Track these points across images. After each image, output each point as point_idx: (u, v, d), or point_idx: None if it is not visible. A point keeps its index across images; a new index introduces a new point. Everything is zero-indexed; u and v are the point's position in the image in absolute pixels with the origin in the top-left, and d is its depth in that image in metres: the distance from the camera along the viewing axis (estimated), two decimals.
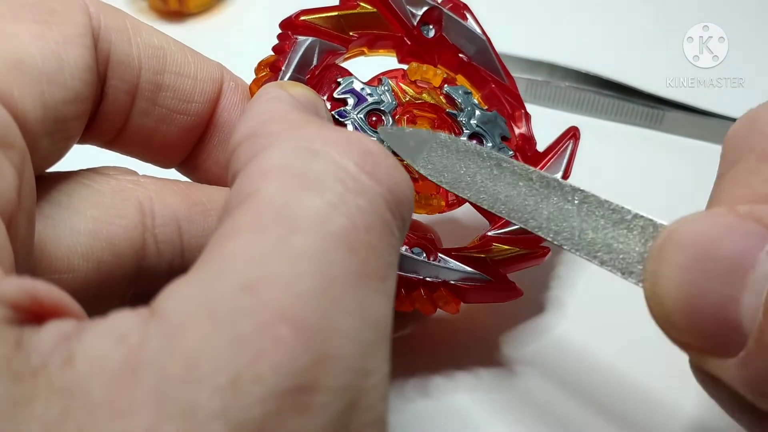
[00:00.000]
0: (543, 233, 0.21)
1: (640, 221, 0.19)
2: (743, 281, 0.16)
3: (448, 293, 0.26)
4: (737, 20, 0.45)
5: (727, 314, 0.16)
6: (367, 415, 0.14)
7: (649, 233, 0.19)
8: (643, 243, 0.19)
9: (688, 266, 0.16)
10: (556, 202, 0.21)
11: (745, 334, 0.16)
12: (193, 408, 0.12)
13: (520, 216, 0.21)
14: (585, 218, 0.20)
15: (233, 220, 0.15)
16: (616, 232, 0.19)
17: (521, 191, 0.21)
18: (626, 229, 0.19)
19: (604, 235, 0.19)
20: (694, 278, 0.16)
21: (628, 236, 0.19)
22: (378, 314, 0.15)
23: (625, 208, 0.19)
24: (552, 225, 0.20)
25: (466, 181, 0.23)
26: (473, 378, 0.28)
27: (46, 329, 0.14)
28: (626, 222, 0.19)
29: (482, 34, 0.29)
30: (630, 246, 0.19)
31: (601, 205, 0.20)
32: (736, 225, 0.16)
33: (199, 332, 0.13)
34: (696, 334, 0.17)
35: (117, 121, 0.23)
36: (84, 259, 0.20)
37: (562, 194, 0.21)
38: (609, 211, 0.20)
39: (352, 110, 0.26)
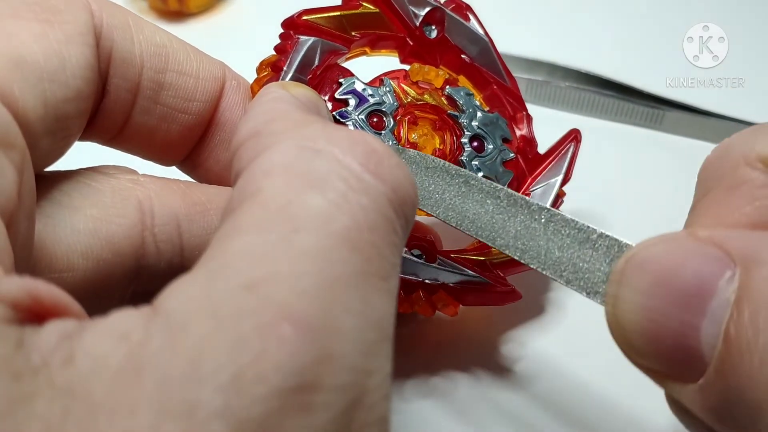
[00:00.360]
0: (510, 252, 0.21)
1: (605, 241, 0.19)
2: (703, 308, 0.16)
3: (447, 296, 0.26)
4: (737, 20, 0.45)
5: (687, 341, 0.16)
6: (369, 414, 0.14)
7: (614, 253, 0.18)
8: (608, 263, 0.18)
9: (647, 291, 0.16)
10: (523, 221, 0.21)
11: (705, 361, 0.16)
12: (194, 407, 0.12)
13: (487, 234, 0.21)
14: (551, 237, 0.20)
15: (236, 218, 0.15)
16: (582, 251, 0.19)
17: (489, 209, 0.21)
18: (591, 248, 0.19)
19: (570, 255, 0.19)
20: (654, 303, 0.16)
21: (594, 256, 0.19)
22: (380, 313, 0.15)
23: (591, 227, 0.19)
24: (519, 243, 0.20)
25: (435, 199, 0.23)
26: (472, 379, 0.28)
27: (46, 328, 0.14)
28: (591, 241, 0.19)
29: (485, 35, 0.29)
30: (595, 266, 0.19)
31: (567, 224, 0.20)
32: (696, 250, 0.16)
33: (201, 331, 0.13)
34: (656, 359, 0.17)
35: (118, 119, 0.23)
36: (84, 257, 0.20)
37: (529, 213, 0.21)
38: (575, 230, 0.19)
39: (354, 111, 0.26)
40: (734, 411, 0.15)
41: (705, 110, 0.39)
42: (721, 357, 0.15)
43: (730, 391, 0.15)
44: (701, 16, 0.42)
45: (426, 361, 0.28)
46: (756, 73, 0.42)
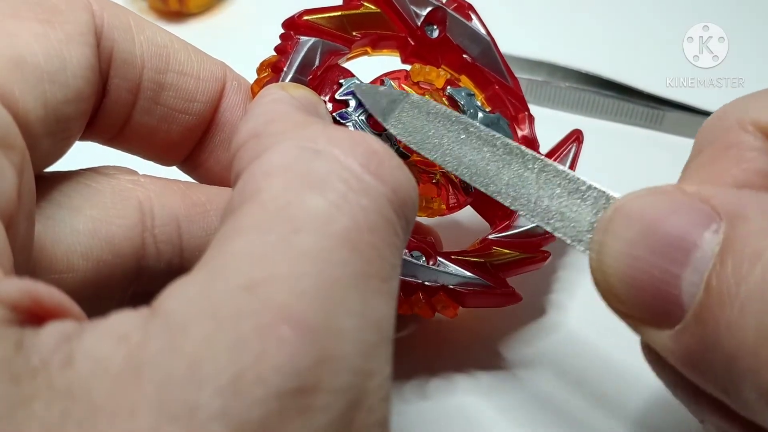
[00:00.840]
0: (501, 198, 0.21)
1: (593, 192, 0.20)
2: (686, 258, 0.16)
3: (446, 298, 0.26)
4: (737, 20, 0.45)
5: (667, 288, 0.16)
6: (370, 416, 0.14)
7: (601, 204, 0.19)
8: (594, 213, 0.19)
9: (632, 240, 0.17)
10: (516, 169, 0.21)
11: (683, 308, 0.16)
12: (194, 409, 0.12)
13: (481, 180, 0.22)
14: (542, 186, 0.21)
15: (236, 219, 0.15)
16: (570, 201, 0.20)
17: (485, 156, 0.22)
18: (580, 198, 0.20)
19: (558, 203, 0.20)
20: (638, 252, 0.17)
21: (581, 206, 0.20)
22: (380, 315, 0.15)
23: (581, 179, 0.20)
24: (510, 191, 0.21)
25: (434, 143, 0.23)
26: (472, 380, 0.28)
27: (46, 330, 0.14)
28: (581, 192, 0.20)
29: (486, 35, 0.29)
30: (582, 215, 0.19)
31: (558, 174, 0.20)
32: (683, 203, 0.17)
33: (201, 332, 0.13)
34: (635, 305, 0.17)
35: (119, 119, 0.23)
36: (84, 258, 0.20)
37: (522, 162, 0.21)
38: (566, 180, 0.20)
39: (354, 112, 0.26)
40: (708, 357, 0.16)
41: (705, 110, 0.39)
42: (702, 304, 0.16)
43: (707, 338, 0.16)
44: (701, 16, 0.42)
45: (426, 362, 0.28)
46: (756, 73, 0.42)
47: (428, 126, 0.24)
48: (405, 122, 0.24)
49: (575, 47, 0.43)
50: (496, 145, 0.22)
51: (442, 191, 0.27)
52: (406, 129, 0.24)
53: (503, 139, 0.22)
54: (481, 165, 0.22)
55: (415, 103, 0.24)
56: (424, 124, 0.24)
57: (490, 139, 0.22)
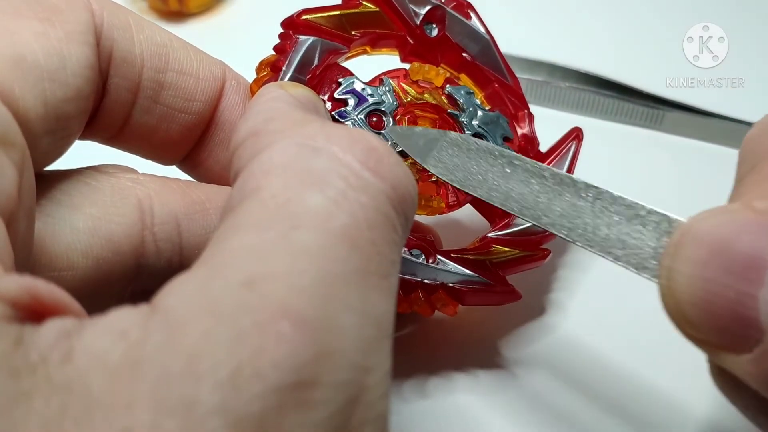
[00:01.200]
0: (556, 230, 0.21)
1: (654, 217, 0.19)
2: (761, 278, 0.16)
3: (446, 296, 0.26)
4: (737, 20, 0.45)
5: (743, 310, 0.16)
6: (368, 412, 0.14)
7: (664, 229, 0.19)
8: (657, 239, 0.19)
9: (704, 262, 0.16)
10: (569, 199, 0.21)
11: (761, 329, 0.16)
12: (193, 403, 0.12)
13: (532, 213, 0.21)
14: (599, 214, 0.20)
15: (235, 216, 0.15)
16: (630, 228, 0.19)
17: (533, 189, 0.21)
18: (641, 224, 0.19)
19: (618, 231, 0.19)
20: (711, 274, 0.16)
21: (643, 232, 0.19)
22: (379, 311, 0.15)
23: (639, 204, 0.19)
24: (565, 222, 0.20)
25: (478, 180, 0.23)
26: (471, 379, 0.28)
27: (46, 326, 0.14)
28: (641, 218, 0.19)
29: (486, 34, 0.29)
30: (644, 242, 0.19)
31: (615, 201, 0.20)
32: (753, 221, 0.16)
33: (200, 328, 0.13)
34: (711, 330, 0.17)
35: (118, 118, 0.23)
36: (83, 256, 0.20)
37: (575, 191, 0.21)
38: (623, 207, 0.20)
39: (353, 111, 0.26)
40: None
41: (705, 110, 0.39)
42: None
43: None
44: (701, 16, 0.42)
45: (425, 361, 0.28)
46: (756, 73, 0.42)
47: (470, 163, 0.23)
48: (445, 161, 0.24)
49: (575, 47, 0.43)
50: (545, 176, 0.21)
51: (441, 189, 0.27)
52: (447, 167, 0.23)
53: (551, 169, 0.21)
54: (531, 198, 0.21)
55: (454, 141, 0.24)
56: (465, 161, 0.23)
57: (537, 170, 0.22)
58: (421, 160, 0.24)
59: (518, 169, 0.22)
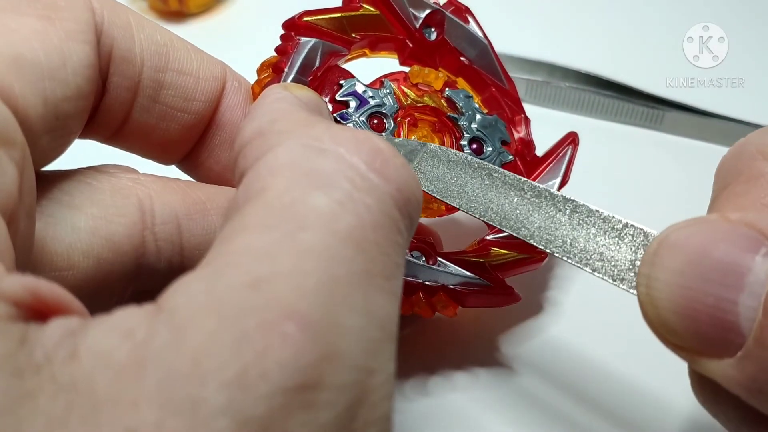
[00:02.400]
0: (535, 242, 0.21)
1: (630, 230, 0.19)
2: (740, 283, 0.16)
3: (446, 297, 0.26)
4: (737, 20, 0.45)
5: (724, 316, 0.16)
6: (372, 413, 0.14)
7: (640, 242, 0.19)
8: (633, 251, 0.19)
9: (682, 270, 0.17)
10: (547, 212, 0.21)
11: (742, 334, 0.16)
12: (198, 403, 0.12)
13: (512, 225, 0.22)
14: (576, 227, 0.20)
15: (240, 217, 0.15)
16: (608, 240, 0.20)
17: (513, 201, 0.22)
18: (617, 237, 0.20)
19: (595, 244, 0.20)
20: (690, 282, 0.16)
21: (620, 244, 0.19)
22: (384, 313, 0.15)
23: (616, 218, 0.20)
24: (544, 234, 0.21)
25: (457, 191, 0.23)
26: (471, 378, 0.28)
27: (50, 326, 0.14)
28: (617, 231, 0.20)
29: (484, 38, 0.29)
30: (621, 254, 0.19)
31: (592, 215, 0.20)
32: (729, 229, 0.17)
33: (206, 328, 0.13)
34: (692, 337, 0.17)
35: (118, 117, 0.23)
36: (84, 256, 0.20)
37: (553, 204, 0.21)
38: (600, 220, 0.20)
39: (354, 113, 0.26)
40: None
41: (705, 110, 0.39)
42: (762, 327, 0.16)
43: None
44: (701, 16, 0.42)
45: (426, 361, 0.28)
46: (756, 73, 0.42)
47: (450, 174, 0.23)
48: (425, 172, 0.24)
49: (575, 47, 0.43)
50: (523, 189, 0.22)
51: None
52: (428, 178, 0.24)
53: (530, 182, 0.22)
54: (510, 209, 0.22)
55: (434, 152, 0.24)
56: (445, 172, 0.24)
57: (516, 183, 0.22)
58: None
59: (497, 181, 0.22)
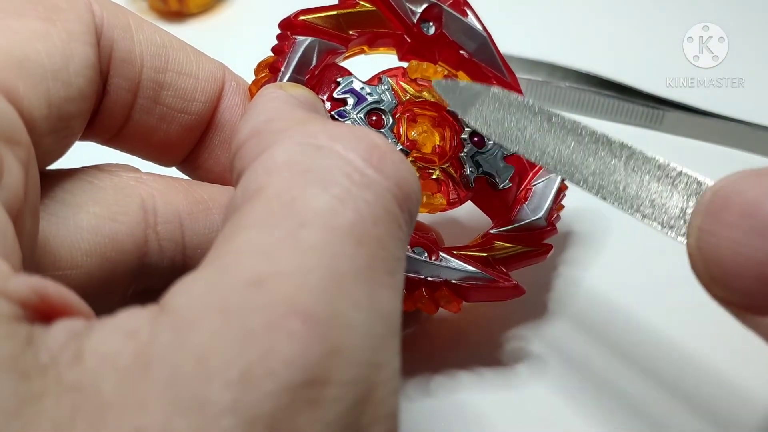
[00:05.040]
0: (587, 187, 0.21)
1: (684, 178, 0.19)
2: None
3: (449, 292, 0.26)
4: (737, 20, 0.45)
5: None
6: (379, 409, 0.14)
7: (693, 190, 0.19)
8: (685, 199, 0.19)
9: (734, 224, 0.16)
10: (603, 157, 0.21)
11: None
12: (205, 402, 0.12)
13: (566, 169, 0.22)
14: (630, 173, 0.20)
15: (240, 216, 0.15)
16: (660, 187, 0.20)
17: (570, 145, 0.22)
18: (671, 185, 0.20)
19: (648, 191, 0.20)
20: (740, 235, 0.16)
21: (672, 192, 0.19)
22: (387, 308, 0.15)
23: (671, 165, 0.20)
24: (597, 179, 0.21)
25: (516, 135, 0.23)
26: (475, 377, 0.28)
27: (55, 327, 0.13)
28: (671, 178, 0.20)
29: (483, 31, 0.29)
30: (673, 202, 0.19)
31: (647, 161, 0.20)
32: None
33: (210, 327, 0.13)
34: (739, 292, 0.17)
35: (118, 118, 0.23)
36: (87, 255, 0.20)
37: (609, 150, 0.21)
38: (655, 167, 0.20)
39: (352, 110, 0.26)
40: None
41: (705, 110, 0.39)
42: None
43: None
44: (701, 16, 0.42)
45: (429, 359, 0.28)
46: (756, 73, 0.42)
47: (510, 118, 0.23)
48: (486, 115, 0.24)
49: (575, 47, 0.43)
50: (581, 134, 0.22)
51: (442, 187, 0.27)
52: (487, 121, 0.24)
53: (589, 127, 0.22)
54: (566, 154, 0.22)
55: (496, 96, 0.24)
56: (505, 116, 0.24)
57: (574, 128, 0.22)
58: (462, 112, 0.24)
59: (555, 126, 0.22)
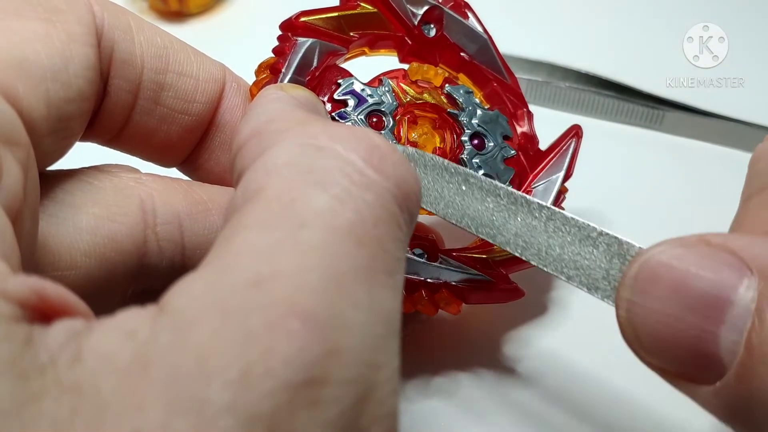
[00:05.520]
0: (511, 249, 0.21)
1: (605, 238, 0.19)
2: (721, 316, 0.16)
3: (449, 294, 0.26)
4: (737, 20, 0.45)
5: (705, 347, 0.16)
6: (378, 409, 0.14)
7: (614, 250, 0.19)
8: (608, 260, 0.19)
9: (663, 298, 0.16)
10: (523, 219, 0.21)
11: (723, 365, 0.16)
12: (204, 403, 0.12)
13: (488, 232, 0.22)
14: (552, 235, 0.20)
15: (240, 217, 0.15)
16: (582, 248, 0.20)
17: (489, 207, 0.22)
18: (592, 245, 0.19)
19: (570, 252, 0.20)
20: (670, 310, 0.16)
21: (594, 253, 0.19)
22: (387, 308, 0.15)
23: (591, 225, 0.20)
24: (520, 241, 0.21)
25: (434, 196, 0.23)
26: (475, 378, 0.28)
27: (54, 328, 0.13)
28: (592, 239, 0.20)
29: (483, 33, 0.29)
30: (596, 263, 0.19)
31: (567, 222, 0.20)
32: (711, 256, 0.16)
33: (209, 327, 0.13)
34: (672, 362, 0.17)
35: (119, 119, 0.23)
36: (86, 256, 0.20)
37: (529, 211, 0.21)
38: (575, 228, 0.20)
39: (353, 111, 0.26)
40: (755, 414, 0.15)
41: (705, 110, 0.39)
42: (743, 363, 0.15)
43: (752, 396, 0.15)
44: (701, 16, 0.42)
45: (429, 360, 0.28)
46: (756, 73, 0.42)
47: (426, 179, 0.23)
48: None
49: (575, 47, 0.43)
50: (499, 195, 0.22)
51: None
52: None
53: (506, 188, 0.22)
54: (486, 216, 0.22)
55: (411, 156, 0.24)
56: (422, 176, 0.23)
57: (492, 189, 0.22)
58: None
59: (473, 188, 0.22)
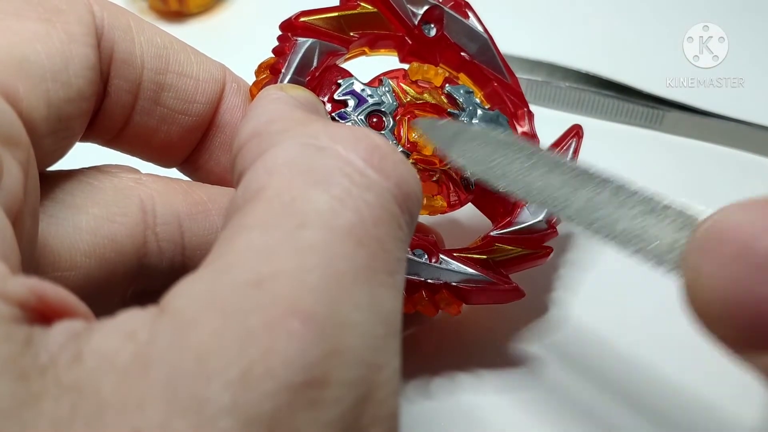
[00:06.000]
0: (577, 222, 0.21)
1: (671, 211, 0.19)
2: None
3: (449, 295, 0.26)
4: (737, 20, 0.45)
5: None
6: (379, 409, 0.14)
7: (681, 222, 0.19)
8: (674, 232, 0.19)
9: (730, 260, 0.16)
10: (588, 192, 0.21)
11: None
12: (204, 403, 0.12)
13: (554, 205, 0.21)
14: (618, 208, 0.20)
15: (241, 217, 0.15)
16: (648, 221, 0.19)
17: (554, 181, 0.22)
18: (658, 218, 0.19)
19: (635, 225, 0.19)
20: (737, 272, 0.16)
21: (660, 226, 0.19)
22: (387, 308, 0.15)
23: (657, 198, 0.19)
24: (585, 214, 0.20)
25: (499, 172, 0.23)
26: (475, 379, 0.28)
27: (54, 328, 0.13)
28: (657, 211, 0.19)
29: (484, 32, 0.29)
30: (662, 235, 0.19)
31: (633, 195, 0.20)
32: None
33: (210, 327, 0.13)
34: (739, 329, 0.16)
35: (119, 119, 0.23)
36: (86, 256, 0.20)
37: (594, 185, 0.21)
38: (641, 200, 0.20)
39: (353, 112, 0.26)
40: None
41: (705, 110, 0.39)
42: None
43: None
44: (701, 16, 0.42)
45: (429, 360, 0.28)
46: (756, 73, 0.42)
47: (492, 155, 0.23)
48: (469, 153, 0.24)
49: (575, 47, 0.43)
50: (564, 170, 0.22)
51: (442, 189, 0.27)
52: (471, 160, 0.23)
53: (571, 163, 0.22)
54: (552, 191, 0.21)
55: (476, 134, 0.24)
56: (487, 153, 0.23)
57: (557, 164, 0.22)
58: (447, 151, 0.24)
59: (539, 162, 0.22)
